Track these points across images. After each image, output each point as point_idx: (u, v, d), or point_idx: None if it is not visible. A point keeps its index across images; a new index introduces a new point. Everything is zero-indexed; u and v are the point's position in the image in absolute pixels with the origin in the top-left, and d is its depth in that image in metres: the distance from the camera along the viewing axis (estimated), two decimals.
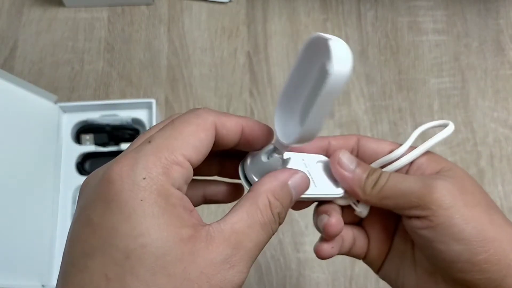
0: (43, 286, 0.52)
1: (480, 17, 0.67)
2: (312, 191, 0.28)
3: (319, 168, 0.30)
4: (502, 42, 0.66)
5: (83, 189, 0.23)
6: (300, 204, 0.30)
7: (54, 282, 0.53)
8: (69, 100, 0.63)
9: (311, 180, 0.29)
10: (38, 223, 0.53)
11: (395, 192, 0.28)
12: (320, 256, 0.31)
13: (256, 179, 0.26)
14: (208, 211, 0.57)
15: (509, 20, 0.67)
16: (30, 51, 0.65)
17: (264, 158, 0.26)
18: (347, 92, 0.64)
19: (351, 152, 0.31)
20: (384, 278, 0.34)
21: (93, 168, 0.58)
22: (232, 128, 0.25)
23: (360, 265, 0.57)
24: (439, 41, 0.66)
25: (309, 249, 0.57)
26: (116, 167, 0.21)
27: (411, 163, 0.30)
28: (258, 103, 0.63)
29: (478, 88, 0.64)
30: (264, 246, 0.23)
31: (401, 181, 0.28)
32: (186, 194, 0.24)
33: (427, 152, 0.30)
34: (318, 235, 0.58)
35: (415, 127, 0.62)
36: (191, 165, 0.23)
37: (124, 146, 0.58)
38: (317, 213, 0.31)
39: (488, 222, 0.27)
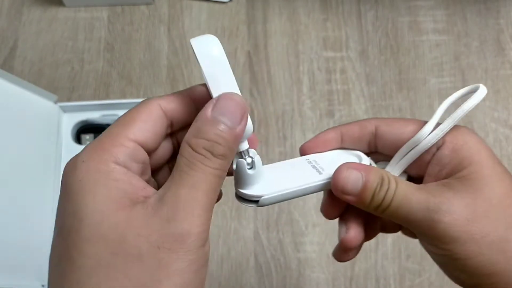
0: (43, 286, 0.52)
1: (481, 17, 0.67)
2: (317, 178, 0.27)
3: (329, 159, 0.29)
4: (502, 42, 0.66)
5: None
6: (330, 207, 0.28)
7: None
8: (69, 100, 0.63)
9: (315, 169, 0.27)
10: (38, 223, 0.53)
11: (398, 215, 0.26)
12: (349, 245, 0.29)
13: (241, 190, 0.26)
14: None
15: (509, 19, 0.67)
16: (30, 51, 0.65)
17: (233, 167, 0.26)
18: (347, 91, 0.64)
19: (369, 144, 0.29)
20: (422, 246, 0.31)
21: None
22: (179, 103, 0.25)
23: (360, 265, 0.57)
24: (439, 41, 0.66)
25: (309, 249, 0.57)
26: (69, 162, 0.23)
27: (435, 153, 0.27)
28: (258, 103, 0.63)
29: None
30: (208, 186, 0.22)
31: (405, 204, 0.25)
32: (164, 174, 0.27)
33: (455, 136, 0.27)
34: (318, 235, 0.58)
35: None
36: (140, 144, 0.24)
37: None
38: (339, 218, 0.29)
39: (498, 253, 0.24)
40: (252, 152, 0.26)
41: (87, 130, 0.59)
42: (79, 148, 0.58)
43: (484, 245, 0.24)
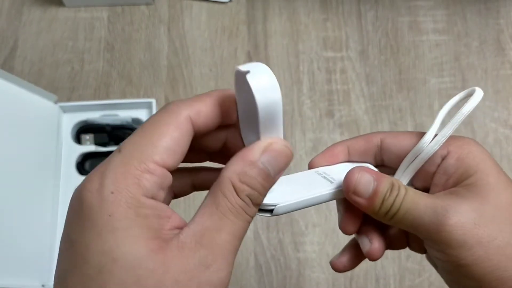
0: (43, 286, 0.52)
1: (481, 17, 0.67)
2: (329, 187, 0.27)
3: (338, 170, 0.29)
4: (502, 42, 0.66)
5: (69, 205, 0.23)
6: (349, 221, 0.28)
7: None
8: (69, 100, 0.63)
9: (326, 180, 0.27)
10: (38, 223, 0.53)
11: (407, 221, 0.26)
12: (340, 270, 0.31)
13: None
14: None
15: (509, 19, 0.67)
16: (30, 51, 0.65)
17: None
18: (347, 91, 0.64)
19: (375, 157, 0.29)
20: (429, 261, 0.32)
21: (93, 168, 0.58)
22: (209, 113, 0.23)
23: (360, 265, 0.57)
24: (439, 41, 0.66)
25: (309, 249, 0.57)
26: (88, 184, 0.21)
27: (440, 163, 0.27)
28: None
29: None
30: (243, 233, 0.22)
31: (413, 208, 0.25)
32: (174, 184, 0.24)
33: (459, 147, 0.27)
34: (318, 235, 0.58)
35: (416, 127, 0.63)
36: (167, 168, 0.22)
37: None
38: (359, 235, 0.29)
39: (505, 259, 0.24)
40: None
41: (87, 130, 0.59)
42: (79, 148, 0.58)
43: (491, 250, 0.24)
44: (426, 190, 0.28)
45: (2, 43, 0.66)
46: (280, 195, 0.26)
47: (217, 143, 0.27)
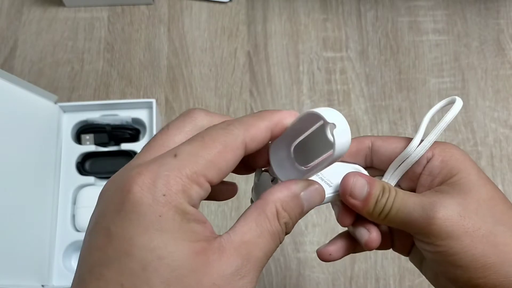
0: (43, 286, 0.52)
1: (480, 17, 0.67)
2: (327, 190, 0.29)
3: (332, 171, 0.30)
4: (502, 42, 0.66)
5: (101, 196, 0.23)
6: (345, 215, 0.31)
7: (54, 282, 0.54)
8: (69, 100, 0.63)
9: (324, 182, 0.29)
10: (38, 223, 0.53)
11: (398, 219, 0.28)
12: (325, 259, 0.32)
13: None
14: (208, 211, 0.57)
15: (509, 19, 0.67)
16: (30, 51, 0.65)
17: (255, 179, 0.27)
18: (347, 92, 0.64)
19: (365, 159, 0.31)
20: (412, 263, 0.34)
21: (93, 168, 0.58)
22: (262, 139, 0.25)
23: (360, 265, 0.57)
24: (439, 41, 0.66)
25: (309, 249, 0.57)
26: (138, 179, 0.21)
27: (425, 165, 0.30)
28: (258, 103, 0.63)
29: (478, 88, 0.64)
30: (271, 255, 0.24)
31: (403, 207, 0.28)
32: None
33: (443, 150, 0.30)
34: (317, 235, 0.58)
35: (416, 127, 0.63)
36: (211, 185, 0.23)
37: (124, 146, 0.58)
38: (354, 226, 0.31)
39: (490, 246, 0.27)
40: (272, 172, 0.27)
41: (87, 130, 0.59)
42: (79, 148, 0.58)
43: (477, 239, 0.27)
44: (412, 190, 0.31)
45: (2, 43, 0.66)
46: None
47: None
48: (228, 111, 0.63)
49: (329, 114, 0.23)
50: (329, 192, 0.29)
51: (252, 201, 0.28)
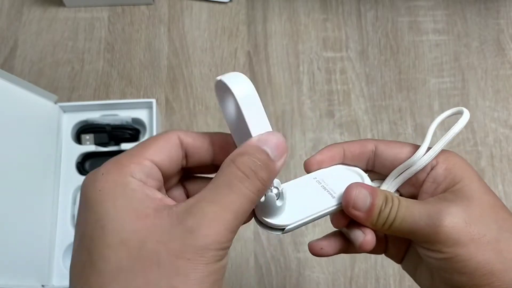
0: (43, 286, 0.52)
1: (480, 17, 0.67)
2: (331, 203, 0.29)
3: (335, 178, 0.31)
4: (502, 42, 0.66)
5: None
6: (340, 218, 0.31)
7: (54, 282, 0.54)
8: (69, 100, 0.63)
9: (327, 192, 0.30)
10: (38, 223, 0.53)
11: (402, 228, 0.29)
12: (315, 253, 0.33)
13: (266, 219, 0.28)
14: None
15: (509, 19, 0.67)
16: (30, 51, 0.65)
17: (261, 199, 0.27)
18: (347, 92, 0.64)
19: (367, 162, 0.32)
20: (405, 270, 0.34)
21: (93, 168, 0.58)
22: (196, 138, 0.27)
23: (360, 265, 0.57)
24: (439, 41, 0.66)
25: None
26: (86, 178, 0.25)
27: (429, 172, 0.30)
28: None
29: (478, 88, 0.64)
30: (240, 208, 0.23)
31: (408, 216, 0.28)
32: (171, 192, 0.28)
33: (446, 158, 0.30)
34: (317, 235, 0.58)
35: (415, 127, 0.63)
36: (156, 165, 0.25)
37: (124, 146, 0.58)
38: (349, 228, 0.31)
39: (495, 253, 0.27)
40: (277, 182, 0.27)
41: (87, 130, 0.59)
42: (79, 148, 0.58)
43: (482, 246, 0.27)
44: (413, 196, 0.31)
45: (2, 43, 0.66)
46: (290, 214, 0.28)
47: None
48: None
49: (227, 75, 0.25)
50: (333, 204, 0.29)
51: (259, 222, 0.28)
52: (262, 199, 0.26)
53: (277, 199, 0.27)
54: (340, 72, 0.65)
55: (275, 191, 0.27)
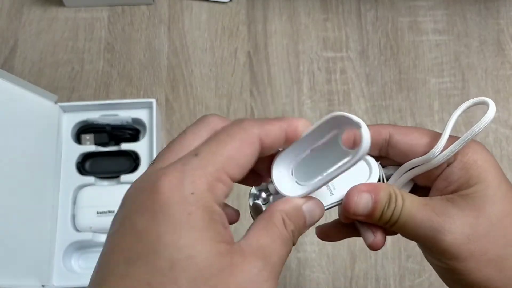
0: (43, 286, 0.52)
1: (481, 17, 0.67)
2: (329, 201, 0.28)
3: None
4: (502, 42, 0.66)
5: (126, 199, 0.23)
6: (344, 217, 0.30)
7: (54, 282, 0.53)
8: (69, 100, 0.63)
9: (327, 188, 0.29)
10: (38, 223, 0.53)
11: (405, 231, 0.28)
12: (323, 238, 0.32)
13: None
14: None
15: (509, 19, 0.67)
16: (30, 51, 0.65)
17: (260, 201, 0.27)
18: (347, 91, 0.64)
19: (380, 149, 0.30)
20: (421, 248, 0.34)
21: (93, 168, 0.58)
22: (276, 136, 0.24)
23: (360, 265, 0.57)
24: (439, 41, 0.66)
25: (309, 249, 0.57)
26: (165, 179, 0.21)
27: (444, 168, 0.28)
28: (258, 103, 0.63)
29: (478, 88, 0.64)
30: (284, 263, 0.24)
31: (409, 221, 0.27)
32: None
33: (466, 154, 0.28)
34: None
35: (416, 127, 0.62)
36: (233, 181, 0.23)
37: (124, 146, 0.58)
38: (361, 226, 0.30)
39: (496, 271, 0.26)
40: (272, 188, 0.27)
41: (87, 130, 0.59)
42: (79, 148, 0.58)
43: (482, 263, 0.26)
44: (426, 187, 0.29)
45: (2, 43, 0.66)
46: None
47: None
48: (228, 111, 0.63)
49: (352, 116, 0.23)
50: (330, 203, 0.28)
51: (253, 218, 0.28)
52: (251, 202, 0.27)
53: (264, 204, 0.27)
54: (340, 72, 0.65)
55: (263, 195, 0.27)
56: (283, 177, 0.26)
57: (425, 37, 0.66)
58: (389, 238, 0.60)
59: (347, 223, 0.31)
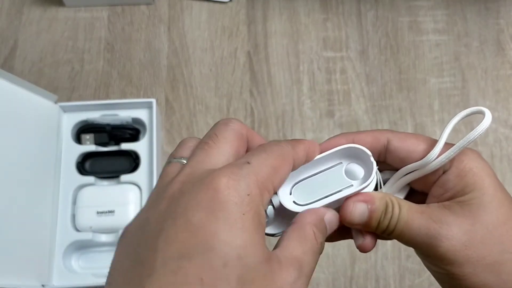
0: (43, 286, 0.52)
1: (481, 17, 0.67)
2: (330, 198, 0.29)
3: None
4: (502, 42, 0.66)
5: (188, 188, 0.23)
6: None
7: (54, 282, 0.53)
8: (69, 100, 0.63)
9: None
10: (38, 223, 0.53)
11: (402, 239, 0.28)
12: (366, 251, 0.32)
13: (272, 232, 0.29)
14: None
15: (509, 19, 0.67)
16: (30, 51, 0.65)
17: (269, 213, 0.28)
18: (347, 91, 0.64)
19: (378, 155, 0.30)
20: (417, 254, 0.34)
21: (93, 168, 0.58)
22: (302, 157, 0.27)
23: (360, 265, 0.57)
24: (439, 41, 0.66)
25: None
26: (223, 178, 0.22)
27: (440, 175, 0.29)
28: (258, 103, 0.63)
29: (478, 88, 0.64)
30: (312, 273, 0.25)
31: (406, 229, 0.27)
32: None
33: (461, 162, 0.28)
34: None
35: (416, 127, 0.63)
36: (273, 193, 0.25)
37: (124, 146, 0.58)
38: (352, 228, 0.30)
39: (493, 276, 0.27)
40: (276, 201, 0.28)
41: (87, 130, 0.59)
42: (79, 148, 0.58)
43: (479, 268, 0.26)
44: (423, 193, 0.30)
45: (2, 43, 0.66)
46: (281, 222, 0.29)
47: None
48: (228, 111, 0.63)
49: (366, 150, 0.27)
50: (329, 200, 0.28)
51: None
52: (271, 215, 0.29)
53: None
54: (340, 72, 0.65)
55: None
56: (285, 194, 0.28)
57: (425, 37, 0.66)
58: None
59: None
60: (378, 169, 0.30)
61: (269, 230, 0.29)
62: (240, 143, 0.26)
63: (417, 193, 0.31)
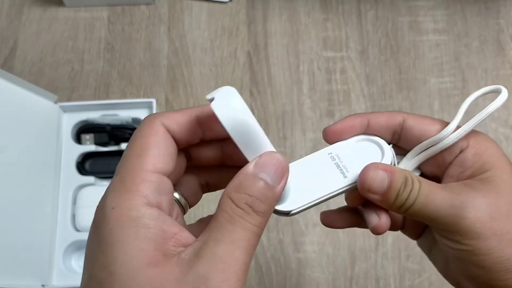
0: (43, 286, 0.52)
1: (481, 17, 0.67)
2: (342, 184, 0.28)
3: (352, 153, 0.29)
4: (502, 42, 0.66)
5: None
6: (355, 197, 0.29)
7: (54, 282, 0.54)
8: (69, 100, 0.63)
9: (339, 171, 0.28)
10: (38, 223, 0.53)
11: (421, 214, 0.27)
12: (327, 224, 0.32)
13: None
14: (208, 211, 0.57)
15: (509, 19, 0.67)
16: (30, 51, 0.65)
17: None
18: (347, 91, 0.64)
19: (393, 134, 0.30)
20: (420, 247, 0.33)
21: (93, 168, 0.58)
22: (183, 120, 0.25)
23: (360, 265, 0.57)
24: (439, 41, 0.66)
25: (309, 249, 0.57)
26: (97, 205, 0.23)
27: (457, 155, 0.28)
28: (258, 103, 0.63)
29: (478, 88, 0.63)
30: (248, 244, 0.22)
31: (429, 203, 0.26)
32: (185, 185, 0.27)
33: (478, 142, 0.28)
34: (318, 235, 0.58)
35: None
36: (162, 172, 0.23)
37: (124, 146, 0.58)
38: (364, 207, 0.29)
39: None
40: None
41: (87, 130, 0.59)
42: (79, 148, 0.58)
43: (504, 242, 0.26)
44: (435, 177, 0.29)
45: (2, 43, 0.66)
46: (296, 197, 0.27)
47: (213, 154, 0.28)
48: None
49: (213, 92, 0.23)
50: (343, 186, 0.28)
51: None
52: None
53: None
54: (340, 72, 0.65)
55: None
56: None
57: (425, 37, 0.66)
58: (389, 238, 0.61)
59: (351, 209, 0.31)
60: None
61: (281, 206, 0.27)
62: (147, 139, 0.24)
63: (427, 178, 0.30)
